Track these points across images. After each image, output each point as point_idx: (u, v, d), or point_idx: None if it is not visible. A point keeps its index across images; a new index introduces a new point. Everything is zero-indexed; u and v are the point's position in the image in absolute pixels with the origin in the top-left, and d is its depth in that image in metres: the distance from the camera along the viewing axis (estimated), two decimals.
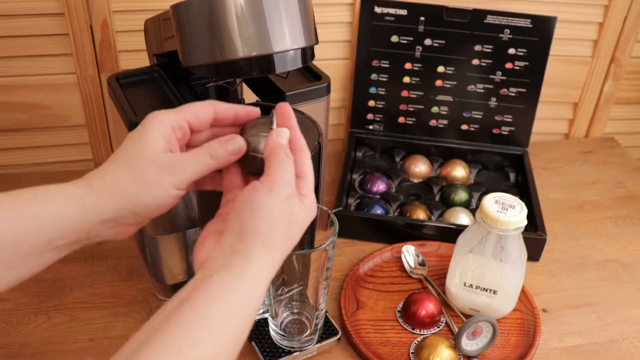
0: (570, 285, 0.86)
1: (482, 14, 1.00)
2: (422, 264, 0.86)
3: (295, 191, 0.51)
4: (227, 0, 0.56)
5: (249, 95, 0.76)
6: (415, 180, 1.04)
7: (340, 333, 0.75)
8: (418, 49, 1.03)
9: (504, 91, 1.05)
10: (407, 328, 0.77)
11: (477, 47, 1.02)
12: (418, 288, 0.83)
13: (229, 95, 0.71)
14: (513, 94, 1.05)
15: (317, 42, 0.62)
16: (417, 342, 0.75)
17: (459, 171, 1.04)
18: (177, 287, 0.79)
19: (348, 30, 1.04)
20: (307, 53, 0.61)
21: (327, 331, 0.74)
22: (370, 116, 1.09)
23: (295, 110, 0.58)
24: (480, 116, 1.07)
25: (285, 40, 0.58)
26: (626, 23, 1.08)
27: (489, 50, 1.02)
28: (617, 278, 0.88)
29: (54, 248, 0.50)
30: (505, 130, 1.08)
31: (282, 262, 0.51)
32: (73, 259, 0.85)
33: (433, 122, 1.09)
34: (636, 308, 0.83)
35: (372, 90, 1.07)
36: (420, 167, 1.05)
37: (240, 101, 0.73)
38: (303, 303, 0.72)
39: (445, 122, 1.08)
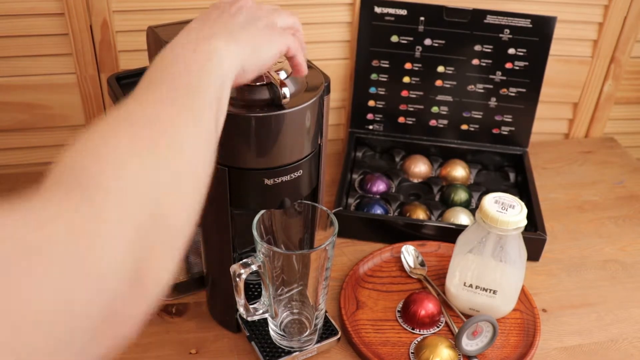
0: (570, 285, 0.86)
1: (482, 14, 1.00)
2: (421, 264, 0.86)
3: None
4: None
5: None
6: (415, 180, 1.04)
7: (340, 333, 0.74)
8: (418, 49, 1.03)
9: (503, 91, 1.05)
10: (407, 328, 0.77)
11: (477, 47, 1.02)
12: (418, 288, 0.83)
13: None
14: (513, 94, 1.05)
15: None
16: (417, 342, 0.75)
17: (458, 171, 1.04)
18: (177, 286, 0.79)
19: (348, 30, 1.04)
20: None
21: (327, 331, 0.74)
22: (370, 116, 1.09)
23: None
24: (480, 116, 1.07)
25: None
26: (626, 23, 1.08)
27: (489, 50, 1.02)
28: (617, 278, 0.88)
29: None
30: (505, 130, 1.08)
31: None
32: None
33: (433, 122, 1.09)
34: (636, 308, 0.83)
35: (372, 90, 1.07)
36: (420, 167, 1.05)
37: None
38: (303, 303, 0.72)
39: (445, 122, 1.08)
